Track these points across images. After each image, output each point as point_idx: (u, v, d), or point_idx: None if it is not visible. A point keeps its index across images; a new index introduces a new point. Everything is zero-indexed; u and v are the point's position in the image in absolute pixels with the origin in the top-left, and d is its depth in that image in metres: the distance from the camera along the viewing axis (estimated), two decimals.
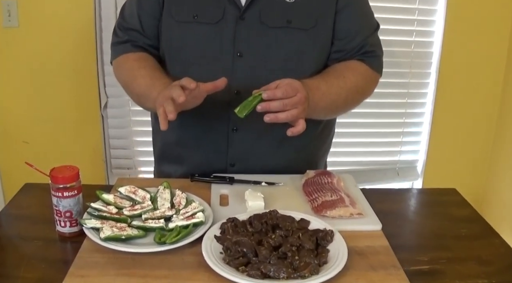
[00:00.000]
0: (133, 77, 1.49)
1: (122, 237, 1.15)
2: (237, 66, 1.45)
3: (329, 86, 1.43)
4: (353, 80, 1.48)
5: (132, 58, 1.52)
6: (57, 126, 2.49)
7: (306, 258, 1.06)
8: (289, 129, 1.30)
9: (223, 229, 1.18)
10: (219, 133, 1.51)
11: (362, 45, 1.51)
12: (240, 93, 1.45)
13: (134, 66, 1.50)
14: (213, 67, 1.46)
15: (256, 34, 1.44)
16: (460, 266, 1.19)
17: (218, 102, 1.46)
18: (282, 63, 1.46)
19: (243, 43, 1.44)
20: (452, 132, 2.75)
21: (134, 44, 1.54)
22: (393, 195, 1.59)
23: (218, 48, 1.45)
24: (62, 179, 1.23)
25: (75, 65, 2.41)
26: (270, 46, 1.45)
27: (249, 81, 1.43)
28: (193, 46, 1.47)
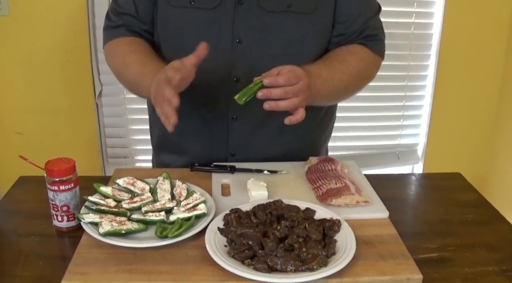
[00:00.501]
0: (124, 64, 1.44)
1: (122, 231, 1.11)
2: (236, 52, 1.41)
3: (331, 72, 1.39)
4: (355, 65, 1.45)
5: (124, 42, 1.47)
6: (51, 116, 2.44)
7: (314, 250, 1.02)
8: (287, 117, 1.26)
9: (227, 220, 1.14)
10: (218, 122, 1.48)
11: (363, 29, 1.47)
12: (240, 80, 1.41)
13: (125, 50, 1.45)
14: (211, 54, 1.41)
15: (255, 19, 1.39)
16: (469, 253, 1.17)
17: (217, 91, 1.42)
18: (283, 49, 1.42)
19: (242, 28, 1.40)
20: (452, 115, 2.71)
21: (128, 29, 1.49)
22: (397, 180, 1.57)
23: (216, 34, 1.40)
24: (57, 172, 1.20)
25: (68, 53, 2.36)
26: (270, 32, 1.40)
27: (249, 68, 1.40)
28: (190, 32, 1.42)
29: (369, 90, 2.58)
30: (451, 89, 2.66)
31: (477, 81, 2.67)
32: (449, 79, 2.64)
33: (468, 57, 2.61)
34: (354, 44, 1.48)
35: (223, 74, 1.42)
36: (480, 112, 2.73)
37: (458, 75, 2.64)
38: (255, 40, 1.40)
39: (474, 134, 2.78)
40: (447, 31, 2.55)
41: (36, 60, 2.36)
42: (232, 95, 1.36)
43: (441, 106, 2.68)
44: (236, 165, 1.44)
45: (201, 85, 1.38)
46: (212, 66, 1.39)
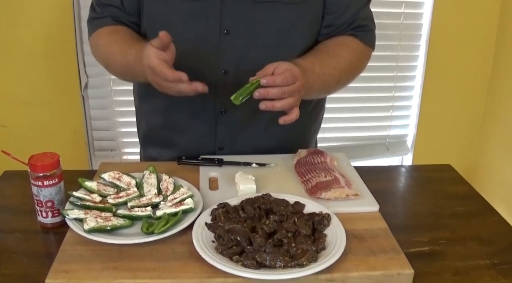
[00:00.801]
0: (109, 56, 1.41)
1: (107, 227, 1.09)
2: (224, 44, 1.38)
3: (323, 67, 1.37)
4: (347, 58, 1.43)
5: (106, 32, 1.44)
6: (36, 108, 2.40)
7: (303, 245, 1.01)
8: (282, 117, 1.24)
9: (214, 215, 1.12)
10: (206, 115, 1.45)
11: (353, 20, 1.45)
12: (228, 73, 1.39)
13: (107, 42, 1.42)
14: (198, 46, 1.39)
15: (243, 10, 1.36)
16: (460, 246, 1.16)
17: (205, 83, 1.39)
18: (271, 40, 1.39)
19: (230, 20, 1.36)
20: (442, 106, 2.71)
21: (114, 19, 1.45)
22: (386, 172, 1.55)
23: (204, 26, 1.37)
24: (41, 167, 1.17)
25: (53, 44, 2.32)
26: (258, 23, 1.37)
27: (237, 60, 1.38)
28: (177, 24, 1.38)
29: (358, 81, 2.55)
30: (441, 80, 2.65)
31: (467, 72, 2.66)
32: (439, 70, 2.62)
33: (459, 48, 2.60)
34: (344, 36, 1.46)
35: (211, 67, 1.39)
36: (470, 103, 2.73)
37: (448, 66, 2.63)
38: (243, 31, 1.37)
39: (464, 125, 2.77)
40: (437, 21, 2.53)
41: (21, 52, 2.32)
42: (220, 88, 1.34)
43: (431, 97, 2.67)
44: (224, 157, 1.42)
45: (188, 77, 1.36)
46: (200, 58, 1.37)
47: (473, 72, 2.66)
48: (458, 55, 2.62)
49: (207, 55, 1.38)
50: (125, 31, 1.44)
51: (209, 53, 1.38)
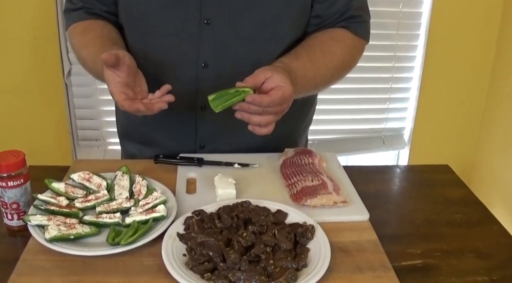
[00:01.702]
0: (81, 59, 1.36)
1: (70, 236, 1.01)
2: (204, 35, 1.28)
3: (315, 68, 1.28)
4: (340, 55, 1.34)
5: (78, 31, 1.35)
6: (17, 96, 2.31)
7: (283, 262, 0.92)
8: (252, 125, 1.15)
9: (188, 224, 1.03)
10: (186, 111, 1.36)
11: (345, 10, 1.34)
12: (208, 66, 1.30)
13: (79, 43, 1.34)
14: (177, 37, 1.30)
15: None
16: (457, 260, 1.08)
17: (184, 77, 1.31)
18: (255, 31, 1.29)
19: (210, 8, 1.26)
20: (441, 99, 2.62)
21: (88, 11, 1.37)
22: (380, 173, 1.46)
23: (182, 15, 1.27)
24: (5, 166, 1.08)
25: (35, 30, 2.23)
26: (241, 13, 1.27)
27: (218, 52, 1.29)
28: (154, 14, 1.29)
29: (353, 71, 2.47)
30: (440, 71, 2.56)
31: (468, 63, 2.57)
32: (438, 61, 2.53)
33: (459, 38, 2.51)
34: (337, 29, 1.36)
35: (190, 59, 1.30)
36: (470, 96, 2.64)
37: (448, 56, 2.54)
38: (224, 22, 1.28)
39: (463, 119, 2.69)
40: (437, 10, 2.43)
41: (1, 38, 2.23)
42: (200, 82, 1.25)
43: (429, 89, 2.58)
44: (204, 156, 1.32)
45: (167, 71, 1.31)
46: (179, 51, 1.29)
47: (474, 63, 2.57)
48: (459, 46, 2.52)
49: (186, 47, 1.29)
50: (96, 30, 1.34)
51: (188, 45, 1.29)
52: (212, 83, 1.28)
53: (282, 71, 1.16)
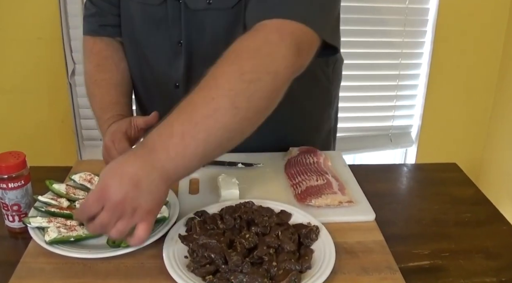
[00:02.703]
0: (89, 94, 1.40)
1: (70, 239, 0.99)
2: (177, 55, 1.29)
3: (189, 113, 0.91)
4: (231, 70, 0.93)
5: (94, 60, 1.40)
6: (21, 96, 2.31)
7: (286, 264, 0.89)
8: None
9: (190, 226, 1.01)
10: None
11: None
12: (179, 86, 1.31)
13: (92, 75, 1.39)
14: (156, 56, 1.33)
15: (185, 19, 1.25)
16: (465, 260, 1.05)
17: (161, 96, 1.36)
18: (211, 50, 1.11)
19: (180, 29, 1.27)
20: (449, 96, 2.59)
21: (100, 23, 1.39)
22: (386, 172, 1.44)
23: (161, 34, 1.29)
24: (5, 168, 1.06)
25: (38, 30, 2.22)
26: (199, 32, 1.26)
27: (187, 73, 1.29)
28: (139, 29, 1.33)
29: (360, 69, 2.48)
30: (448, 69, 2.53)
31: (476, 60, 2.54)
32: (445, 57, 2.51)
33: (467, 35, 2.48)
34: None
35: (165, 79, 1.33)
36: (478, 93, 2.61)
37: (455, 53, 2.51)
38: (191, 42, 1.27)
39: (471, 116, 2.66)
40: (444, 6, 2.41)
41: (4, 38, 2.22)
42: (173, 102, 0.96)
43: (436, 86, 2.56)
44: None
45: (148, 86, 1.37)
46: (156, 69, 1.33)
47: (482, 60, 2.54)
48: (466, 42, 2.50)
49: (162, 67, 1.31)
50: (110, 72, 1.38)
51: (164, 64, 1.31)
52: None
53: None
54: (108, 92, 1.35)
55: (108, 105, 1.33)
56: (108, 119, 1.28)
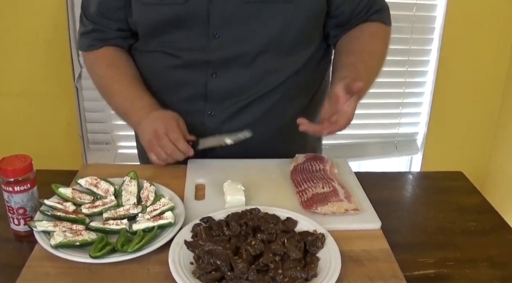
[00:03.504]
0: (109, 93, 1.40)
1: (76, 243, 0.99)
2: (213, 47, 1.29)
3: (369, 74, 1.34)
4: (381, 51, 1.41)
5: (103, 62, 1.40)
6: (28, 99, 2.31)
7: (292, 271, 0.89)
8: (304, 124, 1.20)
9: (195, 232, 1.01)
10: (194, 118, 1.36)
11: (370, 5, 1.39)
12: (216, 75, 1.31)
13: (106, 75, 1.40)
14: (187, 51, 1.31)
15: (232, 12, 1.26)
16: (470, 269, 1.05)
17: (192, 90, 1.35)
18: (263, 43, 1.29)
19: (218, 22, 1.27)
20: (455, 104, 2.58)
21: (99, 38, 1.40)
22: (392, 180, 1.44)
23: (191, 29, 1.29)
24: (12, 171, 1.06)
25: (46, 33, 2.21)
26: (249, 25, 1.27)
27: (227, 64, 1.30)
28: (163, 30, 1.31)
29: None
30: (454, 76, 2.52)
31: (482, 68, 2.53)
32: (452, 65, 2.50)
33: (473, 42, 2.47)
34: (370, 24, 1.40)
35: (200, 71, 1.32)
36: (484, 100, 2.60)
37: (462, 61, 2.50)
38: (232, 34, 1.28)
39: (476, 124, 2.65)
40: (451, 14, 2.40)
41: (11, 41, 2.22)
42: (209, 92, 1.32)
43: (443, 94, 2.55)
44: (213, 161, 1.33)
45: (177, 82, 1.35)
46: (189, 63, 1.32)
47: (488, 68, 2.53)
48: (473, 50, 2.49)
49: (196, 59, 1.31)
50: (124, 67, 1.40)
51: (198, 57, 1.31)
52: (220, 93, 1.33)
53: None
54: (130, 83, 1.37)
55: (136, 95, 1.35)
56: (144, 107, 1.30)
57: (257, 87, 1.33)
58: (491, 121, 2.64)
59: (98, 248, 0.96)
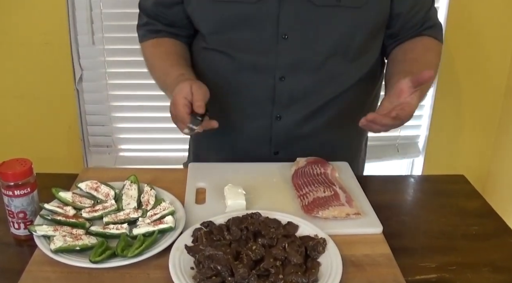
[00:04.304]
0: (151, 68, 1.45)
1: (76, 248, 0.98)
2: (282, 49, 1.30)
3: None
4: (435, 63, 1.41)
5: (151, 44, 1.46)
6: (28, 102, 2.29)
7: (293, 276, 0.89)
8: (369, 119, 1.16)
9: (196, 236, 1.01)
10: (261, 120, 1.39)
11: (424, 21, 1.40)
12: (285, 79, 1.32)
13: (151, 54, 1.46)
14: (255, 51, 1.32)
15: (303, 14, 1.27)
16: (472, 273, 1.05)
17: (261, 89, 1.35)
18: (331, 46, 1.31)
19: (288, 24, 1.28)
20: (456, 106, 2.57)
21: (152, 29, 1.45)
22: (394, 183, 1.43)
23: (260, 30, 1.29)
24: (12, 175, 1.06)
25: (46, 35, 2.20)
26: (318, 28, 1.29)
27: (295, 66, 1.31)
28: (232, 29, 1.32)
29: None
30: (455, 79, 2.51)
31: (483, 70, 2.52)
32: (453, 67, 2.48)
33: (475, 44, 2.46)
34: (423, 38, 1.41)
35: (268, 72, 1.33)
36: (485, 103, 2.59)
37: (464, 63, 2.49)
38: (302, 36, 1.30)
39: (479, 127, 2.63)
40: (452, 15, 2.39)
41: (12, 43, 2.21)
42: (277, 94, 1.33)
43: (444, 97, 2.53)
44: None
45: (244, 81, 1.35)
46: (257, 64, 1.32)
47: (489, 70, 2.52)
48: (474, 52, 2.47)
49: (264, 61, 1.31)
50: (168, 44, 1.44)
51: (266, 58, 1.31)
52: (287, 95, 1.34)
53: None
54: (167, 57, 1.40)
55: (170, 67, 1.36)
56: (176, 78, 1.29)
57: (324, 92, 1.35)
58: (493, 124, 2.63)
59: (98, 253, 0.96)
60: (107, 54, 2.23)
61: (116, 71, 2.27)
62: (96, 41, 2.20)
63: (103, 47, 2.21)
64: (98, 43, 2.20)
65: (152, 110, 2.32)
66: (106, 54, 2.23)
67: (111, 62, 2.25)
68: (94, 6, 2.14)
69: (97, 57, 2.23)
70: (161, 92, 1.44)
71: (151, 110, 2.32)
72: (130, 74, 2.27)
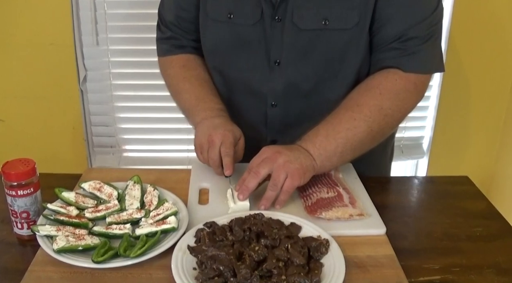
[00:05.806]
0: (178, 90, 1.40)
1: (79, 248, 0.98)
2: (274, 76, 1.30)
3: (334, 124, 1.19)
4: (373, 103, 1.20)
5: (177, 64, 1.42)
6: (33, 102, 2.30)
7: (295, 277, 0.89)
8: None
9: (199, 237, 1.00)
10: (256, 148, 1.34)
11: (398, 37, 1.22)
12: (277, 105, 1.32)
13: (179, 75, 1.41)
14: (249, 77, 1.32)
15: (291, 40, 1.25)
16: (476, 275, 1.04)
17: (254, 117, 1.37)
18: (322, 71, 1.28)
19: (277, 49, 1.27)
20: (460, 107, 2.56)
21: (176, 45, 1.43)
22: (398, 184, 1.43)
23: (253, 55, 1.29)
24: (15, 175, 1.06)
25: (51, 36, 2.21)
26: (307, 52, 1.26)
27: (287, 92, 1.30)
28: (226, 50, 1.33)
29: None
30: (460, 80, 2.50)
31: (488, 71, 2.51)
32: (458, 68, 2.48)
33: (480, 45, 2.45)
34: (382, 72, 1.25)
35: (261, 98, 1.33)
36: (490, 104, 2.58)
37: (469, 64, 2.48)
38: (292, 62, 1.28)
39: (483, 128, 2.63)
40: (457, 16, 2.38)
41: (16, 44, 2.22)
42: (269, 120, 1.35)
43: (448, 98, 2.53)
44: None
45: (238, 106, 1.37)
46: (250, 89, 1.33)
47: (494, 72, 2.51)
48: (479, 53, 2.47)
49: (257, 86, 1.32)
50: (196, 69, 1.41)
51: (259, 84, 1.31)
52: (279, 122, 1.34)
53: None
54: (201, 84, 1.37)
55: (205, 95, 1.34)
56: (210, 109, 1.29)
57: (317, 117, 1.25)
58: (497, 125, 2.62)
59: (100, 253, 0.96)
60: (111, 54, 2.23)
61: (120, 71, 2.28)
62: (100, 41, 2.20)
63: (107, 48, 2.22)
64: (102, 43, 2.21)
65: (156, 111, 2.32)
66: (110, 54, 2.23)
67: (115, 63, 2.26)
68: (98, 7, 2.15)
69: (101, 58, 2.24)
70: (165, 93, 1.45)
71: (155, 111, 2.32)
72: (134, 75, 2.27)
